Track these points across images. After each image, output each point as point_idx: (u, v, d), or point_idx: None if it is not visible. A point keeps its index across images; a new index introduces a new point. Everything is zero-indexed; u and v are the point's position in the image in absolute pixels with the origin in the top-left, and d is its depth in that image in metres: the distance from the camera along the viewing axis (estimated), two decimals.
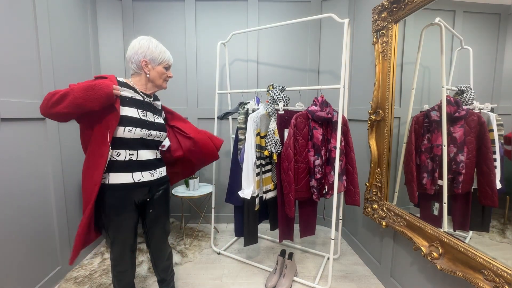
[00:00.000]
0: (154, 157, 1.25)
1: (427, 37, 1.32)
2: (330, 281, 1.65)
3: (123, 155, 1.13)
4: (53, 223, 1.66)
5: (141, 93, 1.21)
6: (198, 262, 1.98)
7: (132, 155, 1.15)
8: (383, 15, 1.56)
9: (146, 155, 1.20)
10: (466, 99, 1.13)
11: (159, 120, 1.27)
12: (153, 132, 1.20)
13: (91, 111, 1.02)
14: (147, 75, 1.19)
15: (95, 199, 1.07)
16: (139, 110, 1.17)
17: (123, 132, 1.10)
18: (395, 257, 1.61)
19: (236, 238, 2.31)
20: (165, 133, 1.29)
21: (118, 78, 1.16)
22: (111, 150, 1.09)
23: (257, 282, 1.74)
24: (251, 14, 2.38)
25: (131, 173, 1.15)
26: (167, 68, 1.25)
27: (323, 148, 1.61)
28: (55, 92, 1.01)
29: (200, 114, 2.48)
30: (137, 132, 1.13)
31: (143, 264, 1.87)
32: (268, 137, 1.63)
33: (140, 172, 1.17)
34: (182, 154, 1.41)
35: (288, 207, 1.61)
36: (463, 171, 1.15)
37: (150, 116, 1.21)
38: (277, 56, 2.46)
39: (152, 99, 1.26)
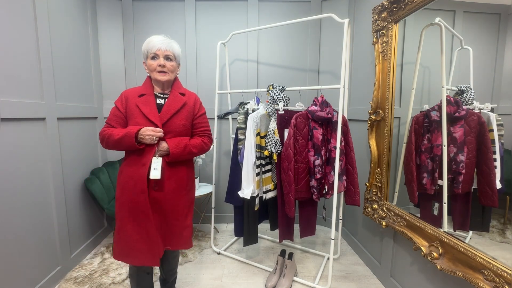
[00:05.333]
0: None
1: (427, 37, 1.32)
2: (330, 281, 1.65)
3: None
4: (53, 223, 1.66)
5: (159, 95, 1.20)
6: (198, 262, 1.98)
7: None
8: (383, 15, 1.56)
9: None
10: (466, 99, 1.13)
11: None
12: None
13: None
14: (148, 75, 1.18)
15: None
16: None
17: None
18: (395, 257, 1.60)
19: (236, 238, 2.31)
20: None
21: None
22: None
23: (257, 282, 1.74)
24: (251, 14, 2.38)
25: None
26: (154, 57, 1.13)
27: (323, 148, 1.61)
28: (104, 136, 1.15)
29: None
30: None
31: None
32: (268, 137, 1.63)
33: None
34: None
35: (288, 207, 1.61)
36: (463, 171, 1.15)
37: None
38: (277, 56, 2.46)
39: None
